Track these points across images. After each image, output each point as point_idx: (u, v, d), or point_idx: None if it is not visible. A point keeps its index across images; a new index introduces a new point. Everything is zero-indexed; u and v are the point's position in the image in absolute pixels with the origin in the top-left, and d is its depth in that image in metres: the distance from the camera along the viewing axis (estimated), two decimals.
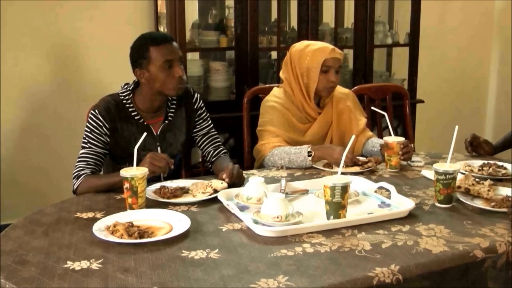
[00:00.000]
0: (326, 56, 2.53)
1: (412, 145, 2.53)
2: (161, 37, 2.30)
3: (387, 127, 2.59)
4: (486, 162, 2.42)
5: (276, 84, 2.83)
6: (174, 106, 2.41)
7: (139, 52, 2.28)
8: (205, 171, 2.79)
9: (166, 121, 2.39)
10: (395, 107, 3.24)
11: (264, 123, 2.60)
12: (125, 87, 2.37)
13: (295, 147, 2.46)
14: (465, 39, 4.86)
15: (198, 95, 2.50)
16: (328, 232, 1.71)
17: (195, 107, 2.47)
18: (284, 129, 2.57)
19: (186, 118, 2.44)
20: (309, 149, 2.41)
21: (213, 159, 2.47)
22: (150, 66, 2.26)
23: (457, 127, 2.06)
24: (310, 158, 2.39)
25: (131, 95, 2.34)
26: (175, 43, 2.31)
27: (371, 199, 2.04)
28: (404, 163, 2.48)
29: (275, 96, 2.66)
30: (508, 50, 4.84)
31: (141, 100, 2.35)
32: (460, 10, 4.78)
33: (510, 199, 1.96)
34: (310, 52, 2.56)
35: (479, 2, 4.85)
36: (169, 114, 2.40)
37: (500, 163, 2.41)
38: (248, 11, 3.53)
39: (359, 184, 2.12)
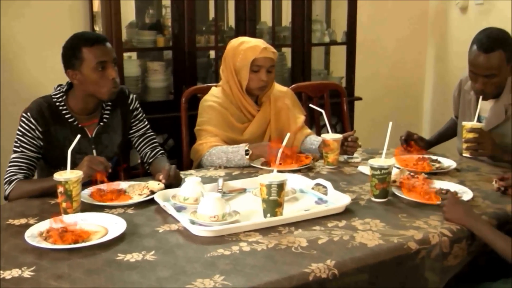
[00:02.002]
0: (256, 56, 2.53)
1: (359, 143, 2.56)
2: (94, 38, 2.25)
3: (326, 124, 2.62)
4: (421, 156, 2.47)
5: (215, 84, 2.82)
6: (109, 108, 2.36)
7: (71, 53, 2.22)
8: (144, 172, 2.75)
9: (101, 123, 2.34)
10: (333, 105, 3.28)
11: (202, 123, 2.58)
12: (58, 88, 2.31)
13: (232, 146, 2.45)
14: (401, 37, 4.97)
15: (134, 96, 2.46)
16: (265, 230, 1.72)
17: (131, 108, 2.43)
18: (222, 128, 2.56)
19: (122, 119, 2.40)
20: (246, 148, 2.41)
21: (150, 160, 2.44)
22: (83, 68, 2.20)
23: (391, 123, 2.10)
24: (247, 156, 2.39)
25: (65, 96, 2.28)
26: (108, 44, 2.26)
27: (308, 196, 2.05)
28: (342, 159, 2.51)
29: (214, 95, 2.65)
30: (442, 48, 4.98)
31: (75, 102, 2.29)
32: (395, 9, 4.88)
33: (443, 191, 2.02)
34: (243, 51, 2.56)
35: (414, 2, 4.97)
36: (104, 115, 2.35)
37: (434, 157, 2.48)
38: (185, 10, 3.50)
39: (296, 181, 2.14)
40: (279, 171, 1.86)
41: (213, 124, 2.56)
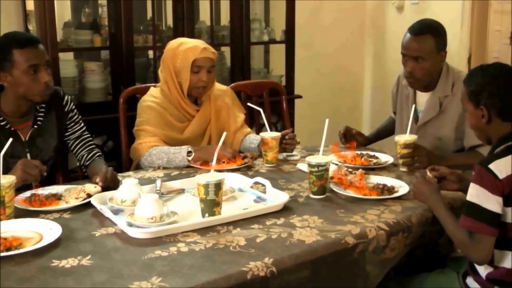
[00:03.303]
0: (196, 56, 2.52)
1: (298, 140, 2.58)
2: (25, 39, 2.18)
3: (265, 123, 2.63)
4: (359, 152, 2.52)
5: (153, 84, 2.79)
6: (43, 110, 2.30)
7: (2, 54, 2.15)
8: (83, 175, 2.70)
9: (35, 126, 2.28)
10: (273, 103, 3.30)
11: (140, 123, 2.55)
12: None
13: (174, 147, 2.43)
14: (340, 36, 5.04)
15: (69, 97, 2.41)
16: (203, 230, 1.71)
17: (66, 110, 2.37)
18: (161, 128, 2.53)
19: (57, 121, 2.34)
20: (189, 149, 2.39)
21: (87, 163, 2.39)
22: (14, 70, 2.14)
23: (327, 120, 2.13)
24: (190, 157, 2.37)
25: None
26: (41, 46, 2.19)
27: (247, 195, 2.06)
28: (281, 157, 2.53)
29: (152, 95, 2.62)
30: (380, 46, 5.08)
31: (6, 104, 2.22)
32: (334, 8, 4.95)
33: (380, 186, 2.06)
34: (182, 51, 2.54)
35: (352, 2, 5.05)
36: (38, 118, 2.29)
37: (372, 153, 2.53)
38: (122, 9, 3.44)
39: (235, 180, 2.14)
40: (217, 171, 1.85)
41: (152, 124, 2.53)
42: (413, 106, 2.47)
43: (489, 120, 1.81)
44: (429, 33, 2.49)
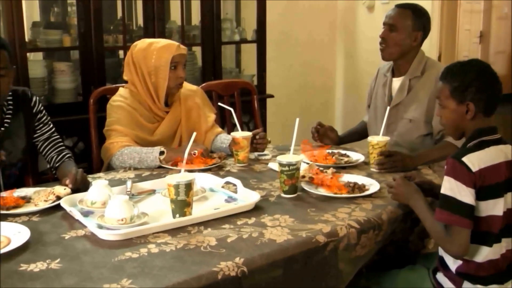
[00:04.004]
0: (173, 53, 2.51)
1: (269, 139, 2.59)
2: None
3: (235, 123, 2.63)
4: (330, 151, 2.53)
5: (123, 84, 2.77)
6: (10, 112, 2.27)
7: None
8: (53, 178, 2.66)
9: (2, 128, 2.24)
10: (245, 103, 3.30)
11: (111, 123, 2.53)
12: None
13: (146, 148, 2.42)
14: (311, 36, 5.07)
15: (37, 98, 2.37)
16: (174, 231, 1.70)
17: (34, 111, 2.34)
18: (131, 128, 2.51)
19: (25, 123, 2.31)
20: (161, 149, 2.38)
21: (57, 165, 2.36)
22: None
23: (297, 119, 2.14)
24: (162, 157, 2.36)
25: None
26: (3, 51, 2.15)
27: (218, 195, 2.05)
28: (252, 157, 2.53)
29: (122, 96, 2.59)
30: (352, 45, 5.12)
31: None
32: (305, 7, 4.97)
33: (351, 184, 2.07)
34: (156, 50, 2.52)
35: (323, 1, 5.08)
36: (5, 120, 2.25)
37: (344, 152, 2.54)
38: (92, 9, 3.42)
39: (206, 180, 2.13)
40: (188, 171, 1.85)
41: (122, 123, 2.50)
42: (387, 108, 2.51)
43: (474, 116, 1.83)
44: (410, 10, 2.67)
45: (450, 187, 1.74)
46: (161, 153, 2.38)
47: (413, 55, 2.70)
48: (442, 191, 1.76)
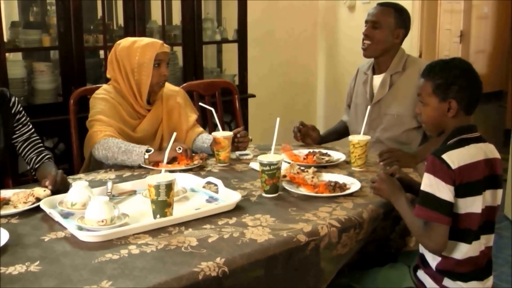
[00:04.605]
0: (157, 51, 2.51)
1: (250, 137, 2.59)
2: None
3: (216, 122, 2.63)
4: (311, 150, 2.54)
5: (105, 84, 2.75)
6: None
7: None
8: (34, 179, 2.64)
9: None
10: (226, 103, 3.29)
11: (95, 113, 2.50)
12: None
13: (133, 144, 2.40)
14: (293, 35, 5.08)
15: (16, 98, 2.35)
16: (154, 232, 1.70)
17: (13, 111, 2.32)
18: (116, 120, 2.50)
19: (4, 124, 2.28)
20: (149, 148, 2.37)
21: (36, 166, 2.34)
22: None
23: (278, 119, 2.14)
24: (148, 153, 2.35)
25: None
26: None
27: (199, 195, 2.05)
28: (234, 156, 2.53)
29: (105, 90, 2.59)
30: (333, 45, 5.14)
31: None
32: (286, 7, 4.98)
33: (332, 183, 2.08)
34: (140, 48, 2.52)
35: (304, 1, 5.09)
36: None
37: (325, 151, 2.55)
38: (71, 8, 3.39)
39: (187, 180, 2.13)
40: (169, 171, 1.84)
41: (106, 115, 2.48)
42: (369, 106, 2.52)
43: (456, 113, 1.84)
44: (392, 8, 2.73)
45: (430, 183, 1.75)
46: (147, 151, 2.37)
47: (394, 52, 2.76)
48: (422, 187, 1.77)
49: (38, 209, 1.89)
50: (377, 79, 2.79)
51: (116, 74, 2.56)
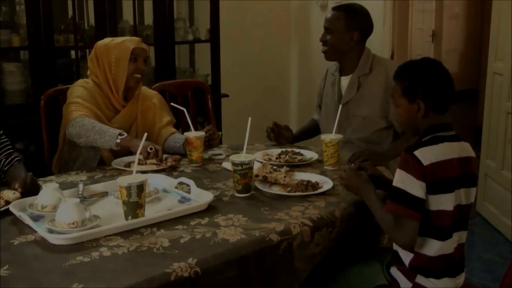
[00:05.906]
0: (134, 45, 2.56)
1: (220, 132, 2.60)
2: None
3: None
4: (284, 150, 2.54)
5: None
6: None
7: None
8: (2, 182, 2.60)
9: None
10: (199, 102, 3.28)
11: (72, 97, 2.52)
12: None
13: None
14: (265, 34, 5.08)
15: None
16: (126, 233, 1.69)
17: None
18: (93, 105, 2.52)
19: None
20: (122, 132, 2.37)
21: (5, 168, 2.30)
22: None
23: (250, 119, 2.14)
24: (121, 137, 2.34)
25: None
26: None
27: (171, 195, 2.04)
28: (207, 156, 2.53)
29: (84, 81, 2.62)
30: (305, 44, 5.15)
31: None
32: (258, 6, 4.98)
33: (304, 183, 2.08)
34: (118, 43, 2.57)
35: (276, 2, 5.10)
36: None
37: (297, 150, 2.56)
38: (41, 7, 3.35)
39: (159, 181, 2.12)
40: (141, 172, 1.83)
41: (84, 99, 2.51)
42: (340, 106, 2.53)
43: (426, 113, 1.86)
44: (343, 11, 2.73)
45: (401, 179, 1.77)
46: (120, 134, 2.36)
47: (356, 54, 2.76)
48: (394, 183, 1.79)
49: (7, 212, 1.86)
50: (345, 81, 2.80)
51: (96, 69, 2.60)
